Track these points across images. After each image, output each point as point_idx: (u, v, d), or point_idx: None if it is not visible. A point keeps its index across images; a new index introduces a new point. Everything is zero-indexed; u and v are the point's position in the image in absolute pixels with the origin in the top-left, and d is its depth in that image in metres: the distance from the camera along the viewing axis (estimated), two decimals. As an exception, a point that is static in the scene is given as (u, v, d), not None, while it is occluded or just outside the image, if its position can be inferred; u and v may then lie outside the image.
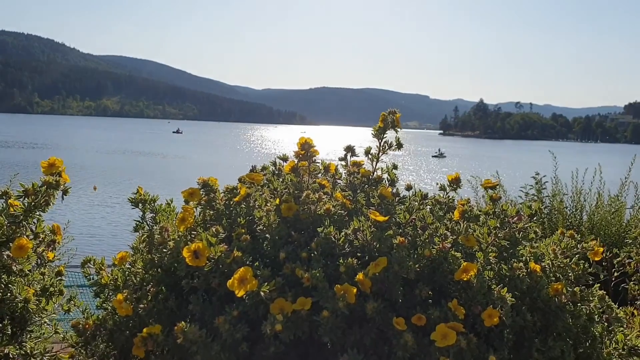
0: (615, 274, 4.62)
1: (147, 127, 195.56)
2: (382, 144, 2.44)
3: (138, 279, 2.08)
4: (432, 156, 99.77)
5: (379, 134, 2.42)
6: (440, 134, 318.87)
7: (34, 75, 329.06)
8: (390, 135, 2.44)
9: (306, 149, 2.25)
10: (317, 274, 1.76)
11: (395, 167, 2.47)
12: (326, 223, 1.95)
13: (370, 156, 2.44)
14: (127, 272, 2.13)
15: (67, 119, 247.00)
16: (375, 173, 2.39)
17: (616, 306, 2.23)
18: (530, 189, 7.97)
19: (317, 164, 2.35)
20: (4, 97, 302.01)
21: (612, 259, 4.85)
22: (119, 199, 32.25)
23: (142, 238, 2.19)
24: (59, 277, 2.33)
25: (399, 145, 2.39)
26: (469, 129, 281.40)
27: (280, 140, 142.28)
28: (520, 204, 8.24)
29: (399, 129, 2.40)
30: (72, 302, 2.49)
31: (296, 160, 2.30)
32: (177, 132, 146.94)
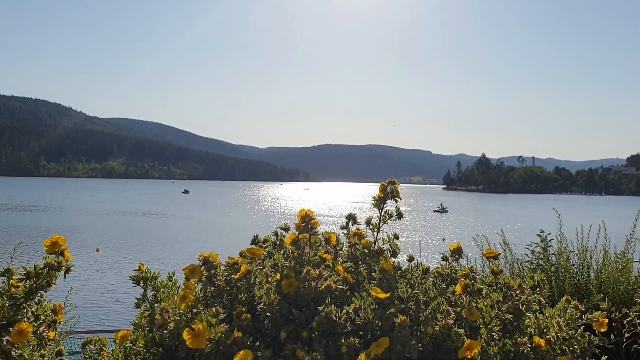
0: (626, 335, 4.51)
1: (152, 187, 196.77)
2: (382, 214, 2.45)
3: (139, 358, 2.05)
4: (434, 211, 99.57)
5: (379, 204, 2.44)
6: (443, 188, 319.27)
7: (41, 139, 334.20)
8: (390, 204, 2.45)
9: (306, 221, 2.26)
10: (318, 357, 1.72)
11: (396, 236, 2.47)
12: (327, 301, 1.93)
13: (371, 226, 2.45)
14: (128, 350, 2.10)
15: (73, 181, 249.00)
16: (376, 244, 2.39)
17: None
18: (536, 246, 7.91)
19: (318, 236, 2.36)
20: (11, 161, 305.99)
21: (622, 319, 4.74)
22: (121, 263, 32.12)
23: (144, 314, 2.18)
24: (59, 358, 2.29)
25: (399, 216, 2.40)
26: (473, 184, 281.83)
27: (284, 197, 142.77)
28: (527, 261, 8.18)
29: (398, 199, 2.42)
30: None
31: (297, 232, 2.31)
32: (185, 192, 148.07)
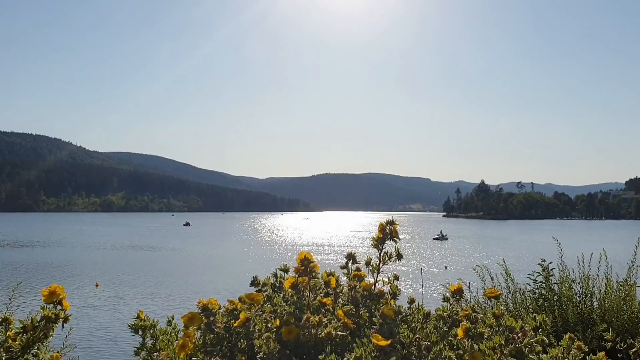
0: (632, 367, 4.45)
1: (152, 220, 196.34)
2: (382, 254, 2.45)
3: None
4: (434, 238, 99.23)
5: (378, 244, 2.44)
6: (443, 215, 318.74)
7: (41, 174, 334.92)
8: (389, 245, 2.45)
9: (305, 265, 2.25)
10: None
11: (396, 277, 2.46)
12: (328, 349, 1.90)
13: (370, 267, 2.44)
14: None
15: (72, 216, 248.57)
16: (376, 286, 2.37)
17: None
18: (538, 275, 7.88)
19: (318, 279, 2.35)
20: (11, 197, 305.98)
21: (627, 350, 4.68)
22: (121, 298, 31.83)
23: (142, 363, 2.15)
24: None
25: (399, 257, 2.39)
26: (473, 210, 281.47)
27: (284, 227, 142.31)
28: (529, 291, 8.13)
29: (397, 240, 2.42)
30: None
31: (296, 275, 2.30)
32: (187, 224, 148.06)
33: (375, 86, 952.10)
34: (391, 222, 2.45)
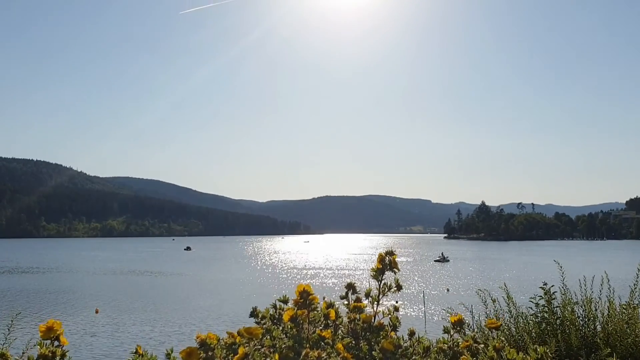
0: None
1: (152, 245, 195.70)
2: (381, 285, 2.44)
3: None
4: (435, 260, 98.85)
5: (378, 275, 2.43)
6: (445, 237, 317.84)
7: (42, 200, 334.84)
8: (389, 276, 2.44)
9: (304, 297, 2.24)
10: None
11: (396, 309, 2.45)
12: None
13: (370, 299, 2.43)
14: None
15: (73, 241, 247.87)
16: (376, 317, 2.36)
17: None
18: (540, 299, 7.82)
19: (317, 311, 2.33)
20: (11, 223, 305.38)
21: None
22: (121, 325, 31.57)
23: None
24: None
25: (399, 288, 2.39)
26: (474, 232, 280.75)
27: (284, 251, 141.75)
28: (531, 315, 8.07)
29: (397, 270, 2.41)
30: None
31: (295, 308, 2.28)
32: (188, 249, 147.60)
33: (375, 109, 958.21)
34: (390, 253, 2.45)
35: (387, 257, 2.43)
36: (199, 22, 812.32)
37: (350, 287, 2.63)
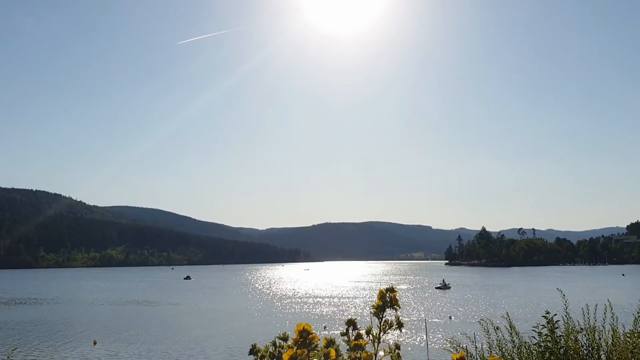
0: None
1: (151, 275, 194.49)
2: (382, 323, 2.41)
3: None
4: (436, 288, 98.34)
5: (379, 312, 2.40)
6: (446, 264, 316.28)
7: (41, 230, 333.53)
8: (390, 313, 2.42)
9: (304, 337, 2.22)
10: None
11: (397, 347, 2.41)
12: None
13: (371, 336, 2.40)
14: None
15: (71, 272, 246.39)
16: (377, 356, 2.33)
17: None
18: (543, 328, 7.75)
19: (317, 351, 2.30)
20: (10, 253, 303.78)
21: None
22: (118, 357, 31.16)
23: None
24: None
25: (400, 325, 2.36)
26: (475, 258, 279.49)
27: (284, 279, 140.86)
28: (534, 344, 7.98)
29: (398, 308, 2.38)
30: None
31: (295, 348, 2.25)
32: (187, 278, 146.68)
33: (374, 136, 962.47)
34: (391, 290, 2.43)
35: (387, 294, 2.40)
36: (196, 52, 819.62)
37: (351, 323, 2.60)
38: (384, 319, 2.40)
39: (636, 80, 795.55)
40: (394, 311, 2.40)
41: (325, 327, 41.24)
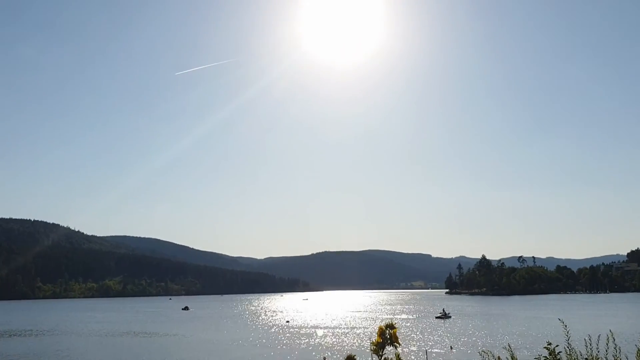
0: None
1: (149, 305, 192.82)
2: None
3: None
4: (436, 317, 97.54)
5: (378, 349, 2.38)
6: (446, 292, 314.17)
7: (38, 260, 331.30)
8: (390, 350, 2.40)
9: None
10: None
11: (397, 382, 2.39)
12: None
13: (370, 374, 2.38)
14: None
15: (68, 302, 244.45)
16: (376, 393, 2.30)
17: None
18: (545, 359, 7.65)
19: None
20: (7, 284, 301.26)
21: None
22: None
23: None
24: None
25: (399, 362, 2.34)
26: (475, 286, 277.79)
27: (283, 309, 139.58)
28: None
29: (398, 345, 2.37)
30: None
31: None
32: (186, 309, 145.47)
33: (373, 164, 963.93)
34: (391, 326, 2.41)
35: (387, 331, 2.39)
36: (194, 82, 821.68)
37: (350, 359, 2.58)
38: (383, 356, 2.38)
39: (635, 109, 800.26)
40: (394, 348, 2.38)
41: (325, 359, 40.75)
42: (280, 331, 74.41)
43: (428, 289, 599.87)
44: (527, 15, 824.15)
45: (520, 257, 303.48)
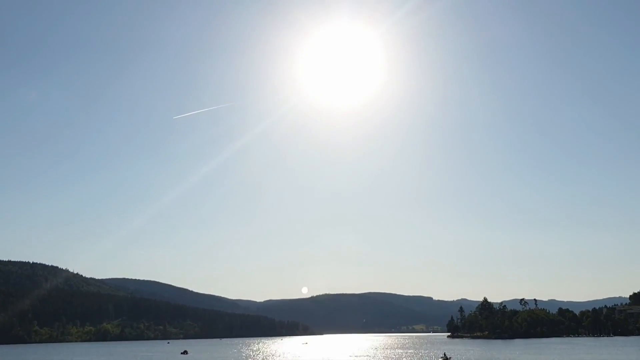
0: None
1: (147, 349, 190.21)
2: None
3: None
4: None
5: None
6: (448, 336, 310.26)
7: (35, 303, 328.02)
8: None
9: None
10: None
11: None
12: None
13: None
14: None
15: (65, 346, 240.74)
16: None
17: None
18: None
19: None
20: (3, 328, 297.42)
21: None
22: None
23: None
24: None
25: None
26: (477, 330, 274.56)
27: (282, 354, 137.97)
28: None
29: None
30: None
31: None
32: (185, 353, 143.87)
33: (373, 206, 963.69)
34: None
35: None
36: (192, 126, 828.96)
37: None
38: None
39: (634, 150, 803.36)
40: None
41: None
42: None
43: (429, 332, 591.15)
44: (527, 58, 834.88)
45: (522, 299, 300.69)
